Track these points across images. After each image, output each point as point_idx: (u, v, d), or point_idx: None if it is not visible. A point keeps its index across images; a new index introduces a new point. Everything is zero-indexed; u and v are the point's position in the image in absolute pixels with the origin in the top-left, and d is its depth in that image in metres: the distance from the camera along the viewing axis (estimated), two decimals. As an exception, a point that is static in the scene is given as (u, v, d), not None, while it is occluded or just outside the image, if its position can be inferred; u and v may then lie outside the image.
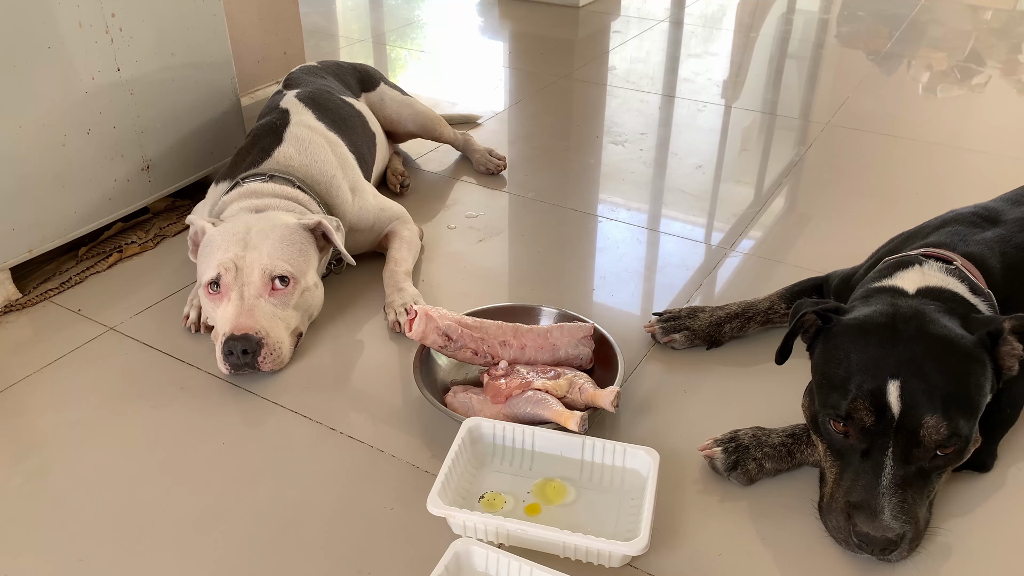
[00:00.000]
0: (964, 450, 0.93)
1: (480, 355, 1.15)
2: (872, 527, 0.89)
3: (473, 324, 1.16)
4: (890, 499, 0.90)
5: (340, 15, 3.29)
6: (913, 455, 0.91)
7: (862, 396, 0.92)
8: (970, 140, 2.09)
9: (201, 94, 1.66)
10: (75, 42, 1.39)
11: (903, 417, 0.90)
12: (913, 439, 0.90)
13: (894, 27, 3.01)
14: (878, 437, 0.92)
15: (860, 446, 0.93)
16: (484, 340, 1.15)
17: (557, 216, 1.70)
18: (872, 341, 0.95)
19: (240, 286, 1.20)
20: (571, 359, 1.17)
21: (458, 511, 0.92)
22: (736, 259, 1.55)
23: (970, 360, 0.93)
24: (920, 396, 0.90)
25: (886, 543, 0.89)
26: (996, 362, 0.95)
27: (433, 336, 1.14)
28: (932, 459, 0.91)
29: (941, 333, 0.94)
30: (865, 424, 0.92)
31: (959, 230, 1.13)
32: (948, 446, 0.90)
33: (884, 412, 0.91)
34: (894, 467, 0.91)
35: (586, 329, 1.19)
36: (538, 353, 1.16)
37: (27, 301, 1.40)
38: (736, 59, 2.75)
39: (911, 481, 0.91)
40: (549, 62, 2.65)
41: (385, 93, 1.86)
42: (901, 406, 0.90)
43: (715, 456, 1.03)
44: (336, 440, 1.12)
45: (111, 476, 1.05)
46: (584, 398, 1.06)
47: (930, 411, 0.89)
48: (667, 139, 2.09)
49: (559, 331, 1.18)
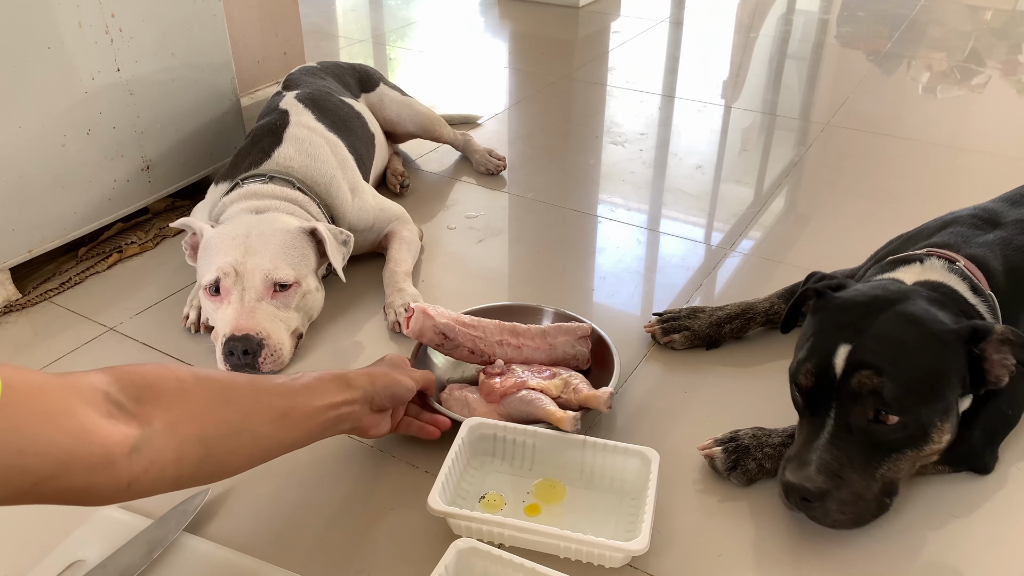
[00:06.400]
0: (920, 435, 0.91)
1: (477, 354, 1.15)
2: (794, 476, 0.90)
3: (471, 323, 1.16)
4: (820, 454, 0.91)
5: (340, 15, 3.29)
6: (852, 414, 0.91)
7: (810, 359, 0.94)
8: (970, 140, 2.09)
9: (201, 94, 1.66)
10: (75, 42, 1.39)
11: (844, 377, 0.91)
12: (852, 398, 0.90)
13: (894, 27, 3.01)
14: (823, 399, 0.93)
15: (808, 408, 0.95)
16: (481, 339, 1.15)
17: (557, 216, 1.70)
18: (845, 313, 0.96)
19: (241, 290, 1.20)
20: (568, 359, 1.17)
21: (458, 511, 0.92)
22: (736, 259, 1.55)
23: (937, 343, 0.92)
24: (865, 357, 0.90)
25: (804, 492, 0.90)
26: (979, 363, 0.93)
27: (430, 334, 1.14)
28: (874, 424, 0.90)
29: (915, 313, 0.94)
30: (806, 386, 0.94)
31: (961, 231, 1.13)
32: (888, 411, 0.89)
33: (828, 373, 0.92)
34: (834, 428, 0.91)
35: (584, 330, 1.19)
36: (535, 353, 1.16)
37: (27, 301, 1.40)
38: (736, 59, 2.75)
39: (853, 447, 0.91)
40: (549, 62, 2.65)
41: (385, 94, 1.86)
42: (844, 367, 0.91)
43: (715, 456, 1.03)
44: (336, 440, 1.11)
45: (111, 476, 1.05)
46: (578, 398, 1.06)
47: (867, 368, 0.89)
48: (667, 139, 2.09)
49: (556, 331, 1.18)
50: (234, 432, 0.76)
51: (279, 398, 0.83)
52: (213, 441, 0.73)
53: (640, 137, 2.09)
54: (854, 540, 0.96)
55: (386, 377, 0.97)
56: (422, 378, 1.05)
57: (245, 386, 0.80)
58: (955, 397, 0.94)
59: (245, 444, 0.78)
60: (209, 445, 0.73)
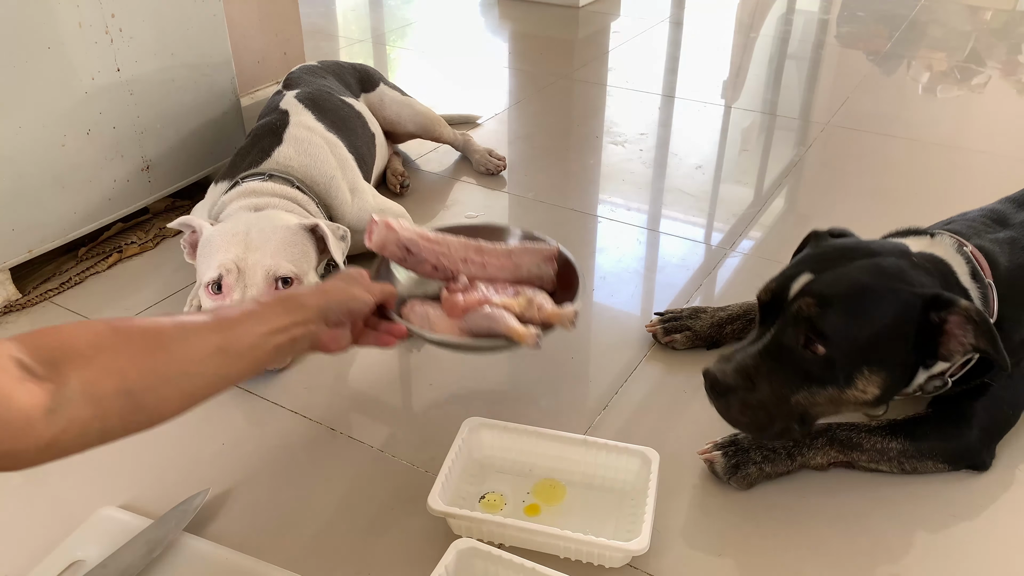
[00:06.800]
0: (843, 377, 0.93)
1: (440, 270, 1.11)
2: (714, 366, 0.97)
3: (435, 239, 1.12)
4: (744, 357, 0.96)
5: (340, 15, 3.29)
6: (786, 335, 0.94)
7: (775, 280, 1.00)
8: (970, 140, 2.09)
9: (201, 94, 1.66)
10: (75, 42, 1.39)
11: (792, 300, 0.95)
12: (792, 321, 0.94)
13: (894, 27, 3.01)
14: (772, 317, 0.97)
15: (760, 323, 1.00)
16: (445, 255, 1.11)
17: (557, 216, 1.70)
18: (827, 252, 1.00)
19: (243, 287, 1.20)
20: (533, 279, 1.14)
21: (458, 511, 0.92)
22: (736, 259, 1.55)
23: (894, 298, 0.93)
24: (816, 287, 0.94)
25: (713, 381, 0.96)
26: (936, 333, 0.93)
27: (393, 248, 1.10)
28: (803, 351, 0.93)
29: (888, 267, 0.96)
30: (762, 300, 1.00)
31: (973, 225, 1.14)
32: (817, 341, 0.92)
33: (783, 295, 0.97)
34: (768, 342, 0.96)
35: (550, 250, 1.14)
36: (499, 271, 1.13)
37: (27, 301, 1.40)
38: (736, 59, 2.75)
39: (777, 364, 0.94)
40: (549, 62, 2.65)
41: (385, 93, 1.86)
42: (797, 292, 0.95)
43: (715, 461, 1.03)
44: (336, 440, 1.12)
45: (111, 476, 1.05)
46: (542, 315, 1.03)
47: (811, 296, 0.93)
48: (667, 139, 2.09)
49: (522, 251, 1.14)
50: (163, 379, 0.74)
51: (212, 334, 0.79)
52: (140, 393, 0.71)
53: (640, 137, 2.09)
54: (854, 540, 0.96)
55: (341, 292, 0.95)
56: (380, 291, 1.01)
57: (171, 328, 0.77)
58: (898, 357, 0.95)
59: (180, 388, 0.76)
60: (136, 397, 0.71)
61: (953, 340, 0.93)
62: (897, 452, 1.03)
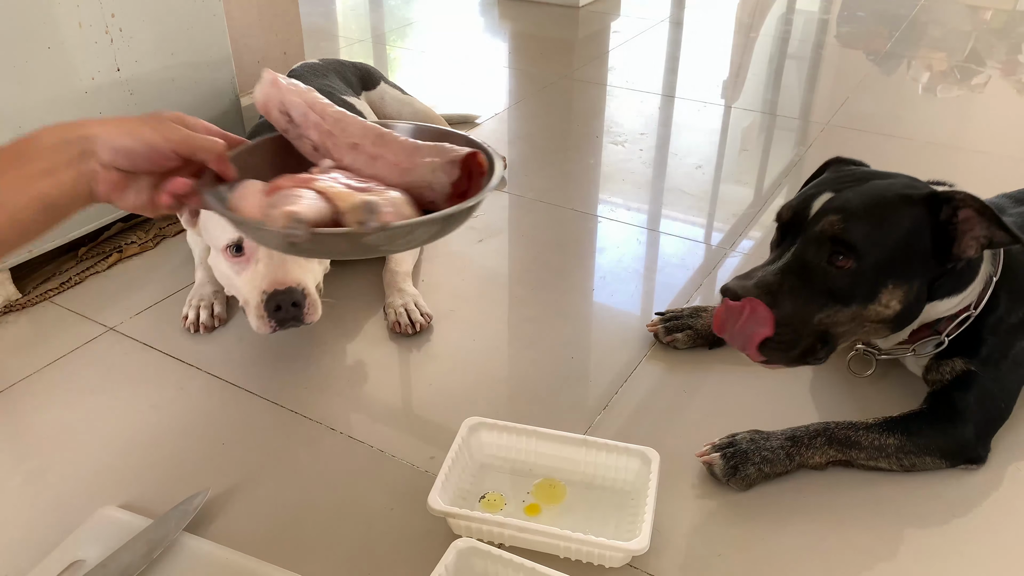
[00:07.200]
0: (868, 291, 0.95)
1: (321, 152, 0.88)
2: (734, 282, 0.96)
3: (332, 115, 0.88)
4: (765, 275, 0.96)
5: (340, 15, 3.29)
6: (810, 252, 0.95)
7: (795, 199, 1.02)
8: (970, 140, 2.09)
9: (201, 94, 1.66)
10: (75, 42, 1.39)
11: (814, 218, 0.96)
12: (814, 237, 0.95)
13: (894, 27, 3.01)
14: (792, 236, 0.98)
15: (779, 242, 1.02)
16: (332, 135, 0.87)
17: (557, 216, 1.70)
18: (845, 175, 1.03)
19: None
20: (422, 187, 0.85)
21: (458, 511, 0.92)
22: (736, 259, 1.55)
23: (909, 206, 0.97)
24: (838, 203, 0.96)
25: (733, 296, 0.95)
26: (947, 232, 0.97)
27: (275, 113, 0.88)
28: (828, 266, 0.94)
29: (903, 182, 1.01)
30: (783, 219, 1.01)
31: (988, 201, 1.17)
32: (844, 255, 0.93)
33: (803, 214, 0.99)
34: (790, 259, 0.96)
35: (456, 153, 0.85)
36: (389, 170, 0.86)
37: (27, 301, 1.40)
38: (736, 59, 2.75)
39: (800, 281, 0.95)
40: (549, 62, 2.65)
41: (386, 92, 1.86)
42: (818, 210, 0.96)
43: (714, 463, 1.03)
44: (336, 440, 1.12)
45: (111, 476, 1.05)
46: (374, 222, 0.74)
47: (836, 213, 0.95)
48: (667, 139, 2.09)
49: (429, 150, 0.87)
50: None
51: None
52: None
53: (640, 137, 2.09)
54: (854, 540, 0.96)
55: (130, 134, 0.74)
56: (183, 141, 0.75)
57: None
58: (918, 267, 0.97)
59: None
60: None
61: (967, 236, 0.96)
62: (895, 448, 1.03)
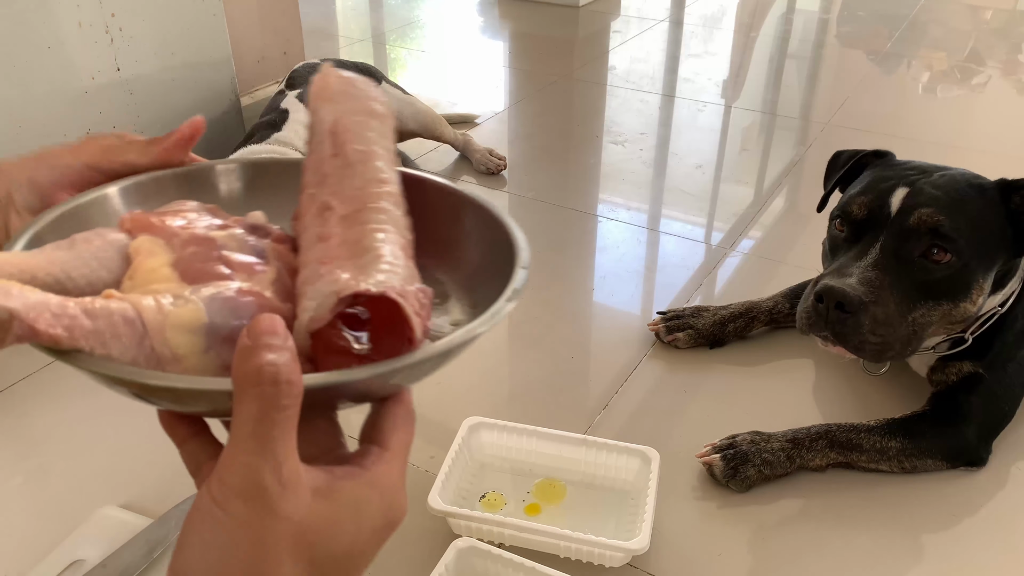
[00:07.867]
0: (962, 285, 0.93)
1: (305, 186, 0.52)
2: (835, 281, 0.91)
3: (350, 152, 0.50)
4: (864, 271, 0.91)
5: (340, 15, 3.29)
6: (902, 247, 0.92)
7: (866, 194, 0.97)
8: (970, 140, 2.09)
9: (201, 94, 1.66)
10: (75, 42, 1.39)
11: (899, 214, 0.93)
12: (905, 232, 0.92)
13: (894, 27, 3.01)
14: (871, 231, 0.94)
15: (852, 239, 0.97)
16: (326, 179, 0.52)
17: (557, 216, 1.70)
18: (902, 166, 1.02)
19: None
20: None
21: (458, 511, 0.92)
22: (736, 259, 1.55)
23: (982, 194, 0.96)
24: (922, 198, 0.93)
25: (843, 297, 0.89)
26: (1018, 222, 0.96)
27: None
28: (923, 260, 0.92)
29: (962, 173, 1.00)
30: (857, 216, 0.96)
31: None
32: (944, 247, 0.91)
33: (882, 209, 0.94)
34: (879, 255, 0.93)
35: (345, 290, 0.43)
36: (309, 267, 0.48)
37: (27, 301, 1.40)
38: (736, 59, 2.75)
39: (894, 276, 0.92)
40: (549, 62, 2.65)
41: (387, 91, 1.86)
42: (900, 206, 0.93)
43: (714, 464, 1.03)
44: (336, 440, 1.11)
45: (112, 476, 1.05)
46: None
47: (927, 206, 0.92)
48: (667, 139, 2.09)
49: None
50: None
51: None
52: None
53: (640, 137, 2.09)
54: (854, 540, 0.96)
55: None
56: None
57: None
58: (998, 259, 0.96)
59: None
60: None
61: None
62: (896, 451, 1.03)
